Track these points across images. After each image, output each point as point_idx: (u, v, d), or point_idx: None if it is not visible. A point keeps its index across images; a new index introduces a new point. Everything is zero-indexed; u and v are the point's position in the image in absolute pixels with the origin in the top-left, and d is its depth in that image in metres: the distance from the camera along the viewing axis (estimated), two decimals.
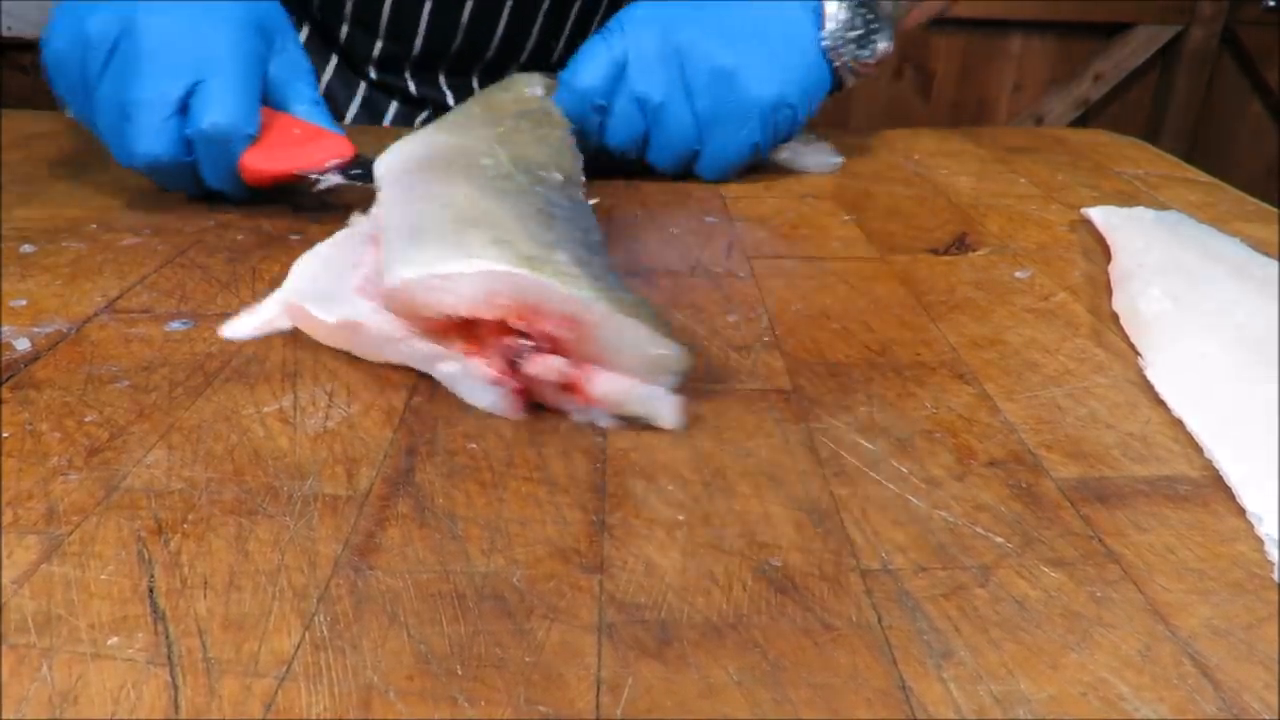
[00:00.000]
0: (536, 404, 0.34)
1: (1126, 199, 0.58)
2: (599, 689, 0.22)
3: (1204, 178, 0.64)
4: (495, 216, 0.36)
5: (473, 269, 0.32)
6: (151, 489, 0.29)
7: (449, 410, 0.34)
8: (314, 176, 0.49)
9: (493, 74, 0.76)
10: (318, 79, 0.75)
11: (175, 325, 0.39)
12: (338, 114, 0.72)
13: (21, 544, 0.26)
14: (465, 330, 0.34)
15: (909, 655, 0.24)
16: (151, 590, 0.25)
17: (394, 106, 0.76)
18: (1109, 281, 0.45)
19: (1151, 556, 0.27)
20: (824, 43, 0.57)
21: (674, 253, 0.49)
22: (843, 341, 0.40)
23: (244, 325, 0.39)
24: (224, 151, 0.49)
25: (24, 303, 0.41)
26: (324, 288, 0.39)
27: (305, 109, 0.53)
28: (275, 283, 0.44)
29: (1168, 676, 0.23)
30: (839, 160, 0.64)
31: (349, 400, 0.34)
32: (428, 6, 0.69)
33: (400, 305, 0.34)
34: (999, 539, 0.28)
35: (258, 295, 0.42)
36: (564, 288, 0.32)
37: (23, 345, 0.37)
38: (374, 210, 0.43)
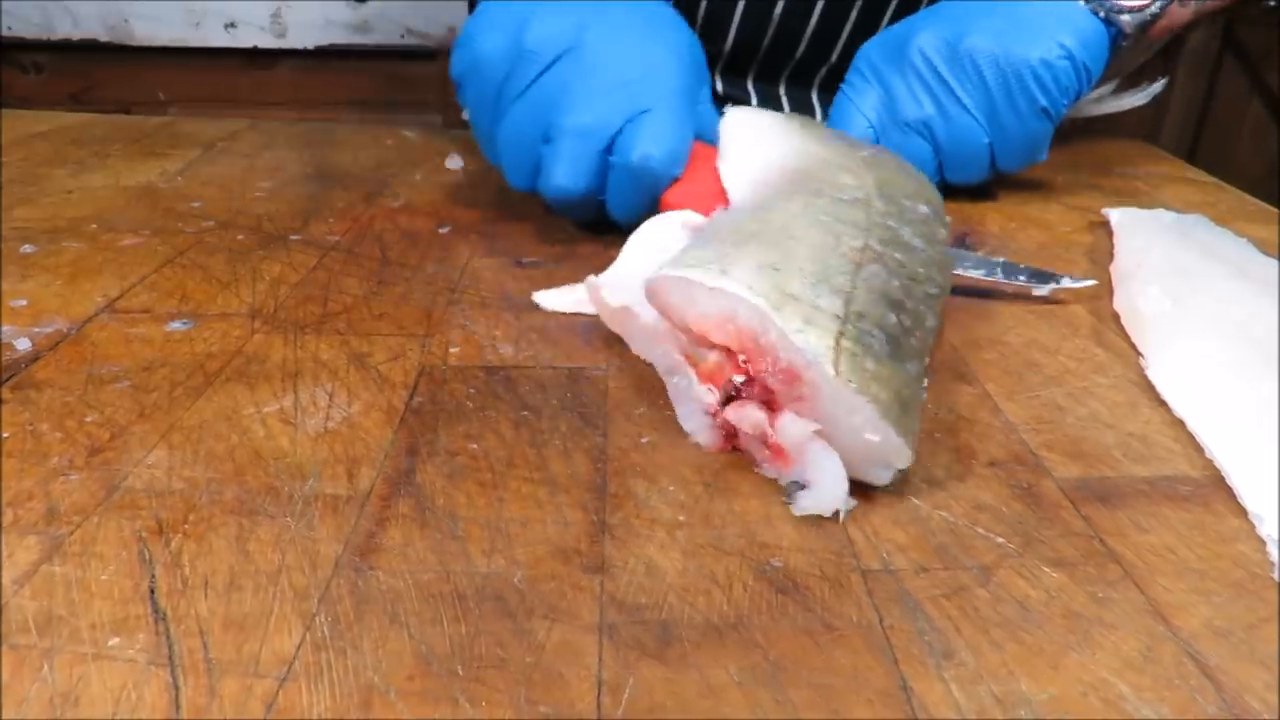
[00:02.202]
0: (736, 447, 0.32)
1: (1127, 199, 0.58)
2: (600, 689, 0.22)
3: (1205, 178, 0.64)
4: (793, 243, 0.32)
5: (713, 284, 0.30)
6: (152, 489, 0.29)
7: (449, 410, 0.34)
8: None
9: (800, 76, 0.75)
10: None
11: (175, 325, 0.39)
12: None
13: (22, 544, 0.26)
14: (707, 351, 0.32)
15: (910, 655, 0.24)
16: (152, 590, 0.25)
17: None
18: (1109, 281, 0.45)
19: (1152, 557, 0.27)
20: None
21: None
22: None
23: (558, 299, 0.41)
24: (644, 188, 0.45)
25: (24, 303, 0.41)
26: (634, 272, 0.38)
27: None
28: (275, 283, 0.44)
29: (1169, 677, 0.23)
30: (1156, 88, 0.61)
31: (349, 400, 0.34)
32: (741, 3, 0.69)
33: (654, 300, 0.33)
34: (1000, 539, 0.28)
35: (257, 295, 0.42)
36: (794, 335, 0.28)
37: (23, 345, 0.37)
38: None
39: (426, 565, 0.26)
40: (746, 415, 0.30)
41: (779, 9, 0.68)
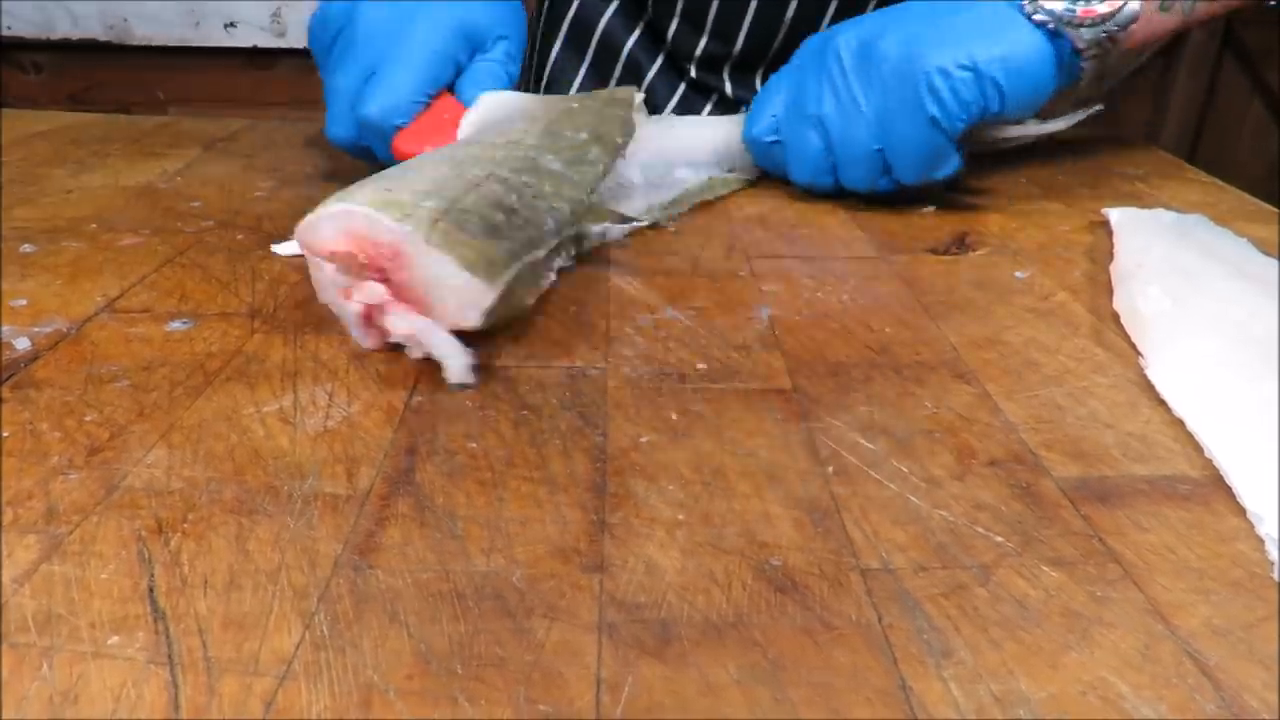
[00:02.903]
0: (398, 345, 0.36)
1: (1127, 199, 0.58)
2: (599, 688, 0.22)
3: (1205, 178, 0.64)
4: (412, 174, 0.39)
5: (329, 211, 0.35)
6: (152, 488, 0.29)
7: (449, 410, 0.34)
8: None
9: None
10: (642, 78, 0.77)
11: (175, 325, 0.39)
12: (655, 111, 0.74)
13: (22, 543, 0.27)
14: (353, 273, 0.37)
15: (909, 654, 0.24)
16: (152, 589, 0.25)
17: (708, 108, 0.76)
18: (1109, 281, 0.45)
19: (1152, 556, 0.27)
20: (1022, 6, 0.51)
21: (674, 252, 0.49)
22: (843, 341, 0.40)
23: (288, 247, 0.46)
24: (379, 137, 0.52)
25: (24, 303, 0.41)
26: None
27: (473, 94, 0.54)
28: (275, 283, 0.44)
29: (1168, 676, 0.23)
30: (1078, 115, 0.56)
31: (349, 400, 0.34)
32: (753, 4, 0.69)
33: (304, 248, 0.37)
34: (999, 538, 0.28)
35: (257, 295, 0.42)
36: (390, 220, 0.34)
37: (23, 345, 0.37)
38: None
39: (426, 564, 0.26)
40: (369, 291, 0.35)
41: (791, 12, 0.68)
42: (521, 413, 0.34)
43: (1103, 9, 0.50)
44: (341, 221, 0.35)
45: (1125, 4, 0.50)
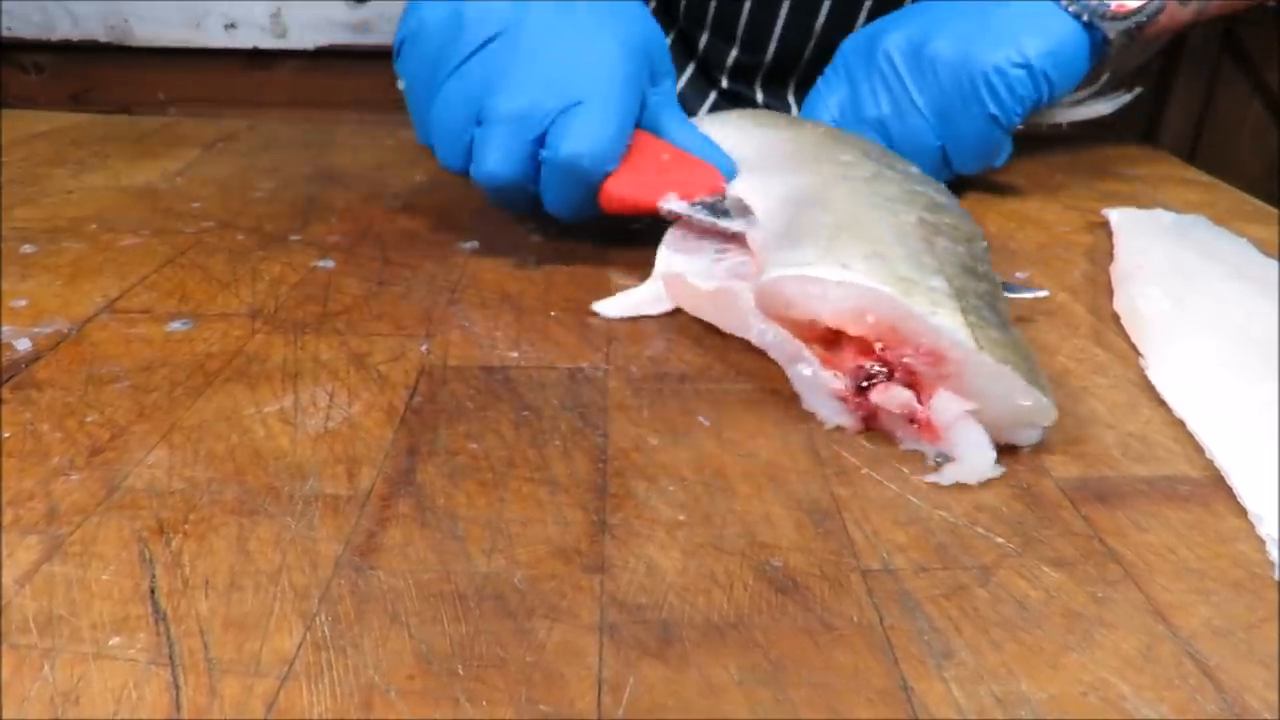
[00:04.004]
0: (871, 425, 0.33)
1: (1126, 199, 0.58)
2: (600, 689, 0.22)
3: (1204, 178, 0.64)
4: (872, 227, 0.35)
5: (846, 279, 0.32)
6: (153, 489, 0.29)
7: (450, 410, 0.34)
8: (677, 211, 0.43)
9: None
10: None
11: (175, 325, 0.39)
12: None
13: (23, 544, 0.27)
14: (826, 338, 0.34)
15: (910, 655, 0.24)
16: (153, 590, 0.25)
17: None
18: (1109, 281, 0.45)
19: (1152, 556, 0.27)
20: None
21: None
22: None
23: (619, 305, 0.41)
24: (575, 183, 0.43)
25: (24, 303, 0.41)
26: (697, 267, 0.40)
27: (679, 131, 0.47)
28: (275, 283, 0.44)
29: (1168, 676, 0.23)
30: (1121, 99, 0.60)
31: (350, 400, 0.34)
32: (783, 14, 0.69)
33: (771, 301, 0.34)
34: (999, 539, 0.28)
35: (257, 295, 0.42)
36: (930, 319, 0.30)
37: (23, 345, 0.37)
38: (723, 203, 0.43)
39: (427, 565, 0.26)
40: (894, 396, 0.31)
41: (821, 21, 0.68)
42: (522, 413, 0.34)
43: (1133, 4, 0.53)
44: (859, 296, 0.31)
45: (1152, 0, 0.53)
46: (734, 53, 0.74)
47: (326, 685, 0.22)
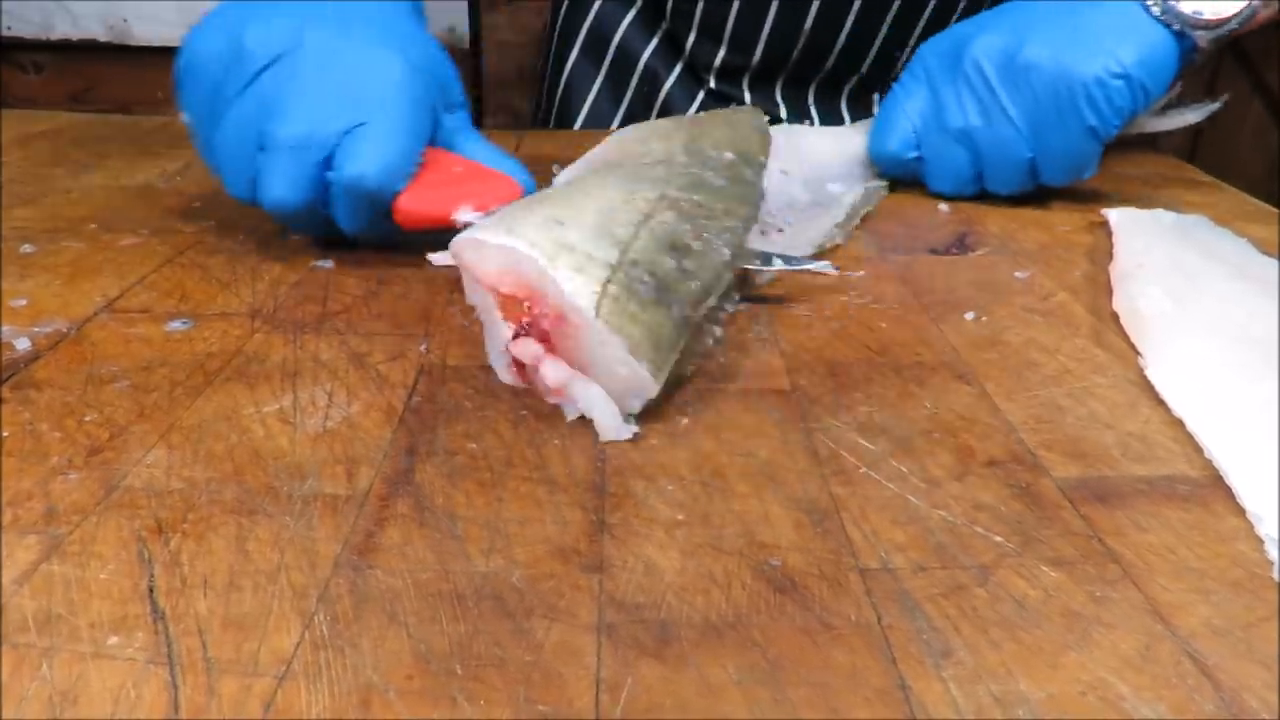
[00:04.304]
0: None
1: (1127, 199, 0.57)
2: (598, 688, 0.22)
3: (1204, 178, 0.64)
4: (584, 199, 0.36)
5: (497, 241, 0.33)
6: (151, 488, 0.29)
7: (449, 410, 0.34)
8: (471, 222, 0.41)
9: (829, 87, 0.76)
10: (659, 88, 0.75)
11: (175, 325, 0.39)
12: None
13: (22, 543, 0.27)
14: (508, 302, 0.35)
15: (908, 655, 0.24)
16: (151, 590, 0.25)
17: None
18: (1109, 281, 0.45)
19: (1151, 556, 0.27)
20: (1147, 3, 0.52)
21: None
22: (843, 341, 0.40)
23: (444, 257, 0.43)
24: (365, 203, 0.43)
25: (24, 303, 0.41)
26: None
27: (474, 148, 0.47)
28: (275, 283, 0.44)
29: (1167, 676, 0.23)
30: (1214, 106, 0.59)
31: (349, 400, 0.34)
32: (771, 14, 0.69)
33: (457, 260, 0.35)
34: (998, 538, 0.28)
35: (257, 295, 0.42)
36: (562, 283, 0.32)
37: (23, 345, 0.37)
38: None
39: (425, 564, 0.26)
40: (524, 349, 0.33)
41: (809, 22, 0.68)
42: (521, 413, 0.34)
43: (1230, 11, 0.51)
44: (508, 258, 0.33)
45: (1247, 8, 0.52)
46: (721, 53, 0.74)
47: (325, 685, 0.22)
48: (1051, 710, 0.22)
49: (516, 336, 0.33)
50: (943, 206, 0.57)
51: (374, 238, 0.46)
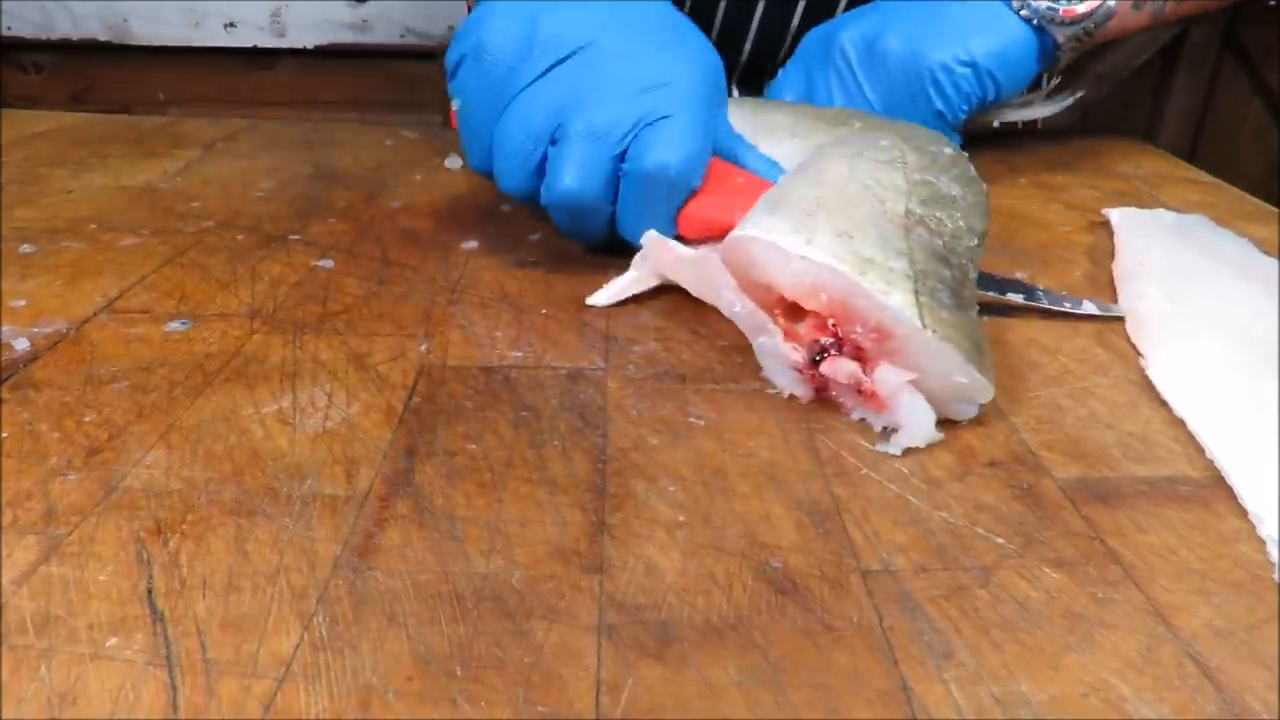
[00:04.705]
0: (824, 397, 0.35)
1: (1127, 199, 0.57)
2: (599, 690, 0.22)
3: (1205, 178, 0.64)
4: (852, 206, 0.36)
5: (802, 253, 0.33)
6: (150, 489, 0.29)
7: (448, 411, 0.34)
8: None
9: None
10: None
11: (175, 325, 0.39)
12: None
13: (21, 544, 0.26)
14: (789, 310, 0.35)
15: (910, 656, 0.24)
16: (150, 591, 0.25)
17: None
18: (1110, 281, 0.45)
19: (1153, 557, 0.27)
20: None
21: None
22: None
23: (610, 292, 0.42)
24: (659, 198, 0.42)
25: (24, 303, 0.41)
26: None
27: (754, 161, 0.46)
28: (275, 283, 0.44)
29: (1169, 677, 0.23)
30: (1066, 101, 0.63)
31: (348, 401, 0.34)
32: (758, 13, 0.69)
33: (734, 256, 0.35)
34: (1000, 539, 0.28)
35: (257, 295, 0.42)
36: (881, 297, 0.32)
37: (22, 345, 0.37)
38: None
39: (425, 566, 0.26)
40: (841, 368, 0.33)
41: (796, 21, 0.69)
42: (521, 413, 0.34)
43: (1082, 9, 0.54)
44: (811, 270, 0.32)
45: (1103, 4, 0.55)
46: None
47: (324, 686, 0.22)
48: (1053, 711, 0.22)
49: (823, 353, 0.33)
50: None
51: (631, 247, 0.44)
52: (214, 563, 0.26)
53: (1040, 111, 0.63)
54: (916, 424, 0.32)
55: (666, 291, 0.44)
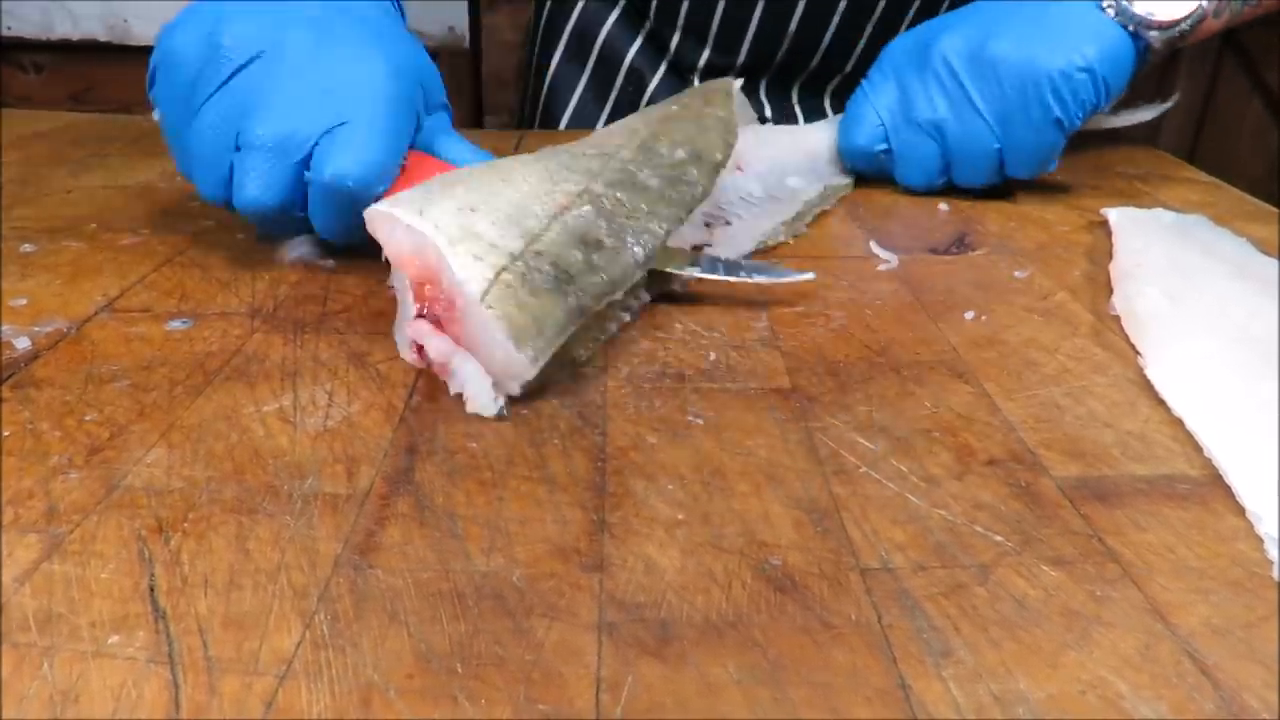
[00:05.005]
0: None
1: (1127, 199, 0.58)
2: (599, 688, 0.22)
3: (1204, 178, 0.64)
4: (503, 187, 0.37)
5: (408, 221, 0.34)
6: (152, 488, 0.29)
7: (449, 409, 0.34)
8: None
9: (812, 86, 0.76)
10: (644, 88, 0.75)
11: (175, 324, 0.39)
12: None
13: (22, 542, 0.27)
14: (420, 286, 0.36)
15: (908, 654, 0.24)
16: (152, 589, 0.25)
17: None
18: (1109, 281, 0.45)
19: (1151, 555, 0.27)
20: (1101, 4, 0.54)
21: None
22: (843, 341, 0.40)
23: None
24: (344, 206, 0.41)
25: (24, 302, 0.41)
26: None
27: (455, 150, 0.46)
28: (275, 283, 0.44)
29: (1167, 675, 0.23)
30: (1166, 105, 0.63)
31: (349, 399, 0.34)
32: (757, 14, 0.69)
33: (371, 228, 0.36)
34: (998, 538, 0.28)
35: (257, 294, 0.42)
36: (456, 268, 0.33)
37: (23, 344, 0.37)
38: None
39: (426, 564, 0.26)
40: (417, 329, 0.34)
41: (795, 22, 0.69)
42: (521, 412, 0.34)
43: (1179, 14, 0.54)
44: (416, 240, 0.34)
45: (1197, 10, 0.54)
46: (706, 53, 0.74)
47: (325, 684, 0.22)
48: (1051, 709, 0.22)
49: (419, 318, 0.34)
50: (942, 206, 0.57)
51: (349, 241, 0.44)
52: (215, 561, 0.26)
53: (1138, 117, 0.62)
54: (471, 389, 0.33)
55: (666, 291, 0.44)
